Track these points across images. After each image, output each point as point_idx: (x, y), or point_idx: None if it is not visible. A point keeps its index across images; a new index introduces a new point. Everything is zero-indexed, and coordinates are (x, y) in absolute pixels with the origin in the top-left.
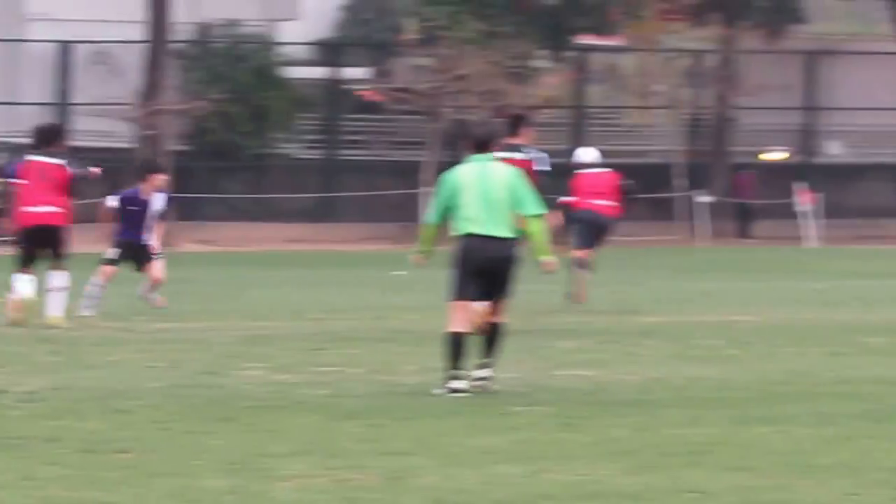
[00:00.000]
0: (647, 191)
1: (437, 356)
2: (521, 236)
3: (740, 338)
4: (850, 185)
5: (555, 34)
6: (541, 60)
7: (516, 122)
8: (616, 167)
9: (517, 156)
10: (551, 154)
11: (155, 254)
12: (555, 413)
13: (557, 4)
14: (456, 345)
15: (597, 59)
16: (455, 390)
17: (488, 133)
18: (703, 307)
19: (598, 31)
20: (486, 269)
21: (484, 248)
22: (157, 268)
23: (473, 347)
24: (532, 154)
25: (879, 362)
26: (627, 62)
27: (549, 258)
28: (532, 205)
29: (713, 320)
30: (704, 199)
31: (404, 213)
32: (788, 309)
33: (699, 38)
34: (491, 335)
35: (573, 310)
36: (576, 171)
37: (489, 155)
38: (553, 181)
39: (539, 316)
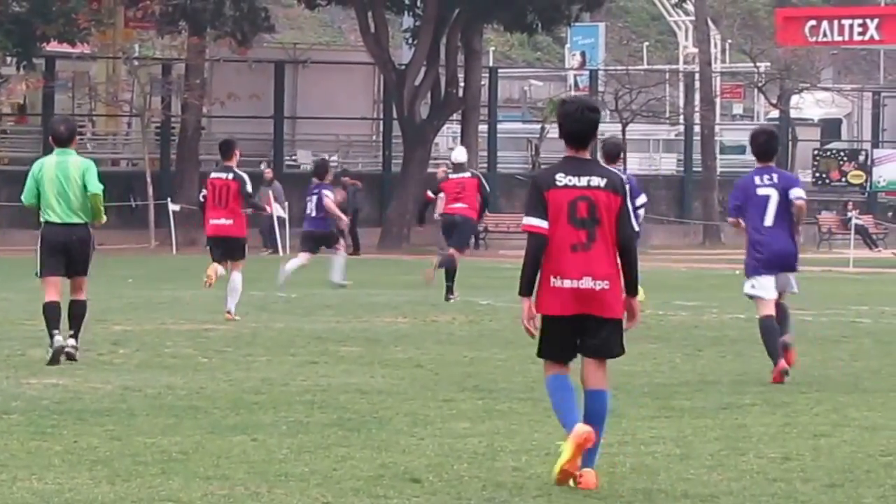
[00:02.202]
0: (120, 199)
1: None
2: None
3: (212, 346)
4: None
5: (23, 41)
6: (8, 68)
7: (228, 148)
8: None
9: (228, 176)
10: None
11: None
12: (27, 422)
13: (25, 11)
14: (52, 311)
15: (65, 67)
16: (55, 345)
17: (68, 129)
18: (176, 315)
19: (67, 38)
20: (64, 251)
21: (60, 233)
22: None
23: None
24: (235, 174)
25: (352, 371)
26: (96, 70)
27: (102, 219)
28: (94, 186)
29: (185, 328)
30: (174, 207)
31: None
32: (261, 317)
33: (168, 46)
34: (75, 310)
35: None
36: None
37: (68, 150)
38: None
39: (7, 324)
